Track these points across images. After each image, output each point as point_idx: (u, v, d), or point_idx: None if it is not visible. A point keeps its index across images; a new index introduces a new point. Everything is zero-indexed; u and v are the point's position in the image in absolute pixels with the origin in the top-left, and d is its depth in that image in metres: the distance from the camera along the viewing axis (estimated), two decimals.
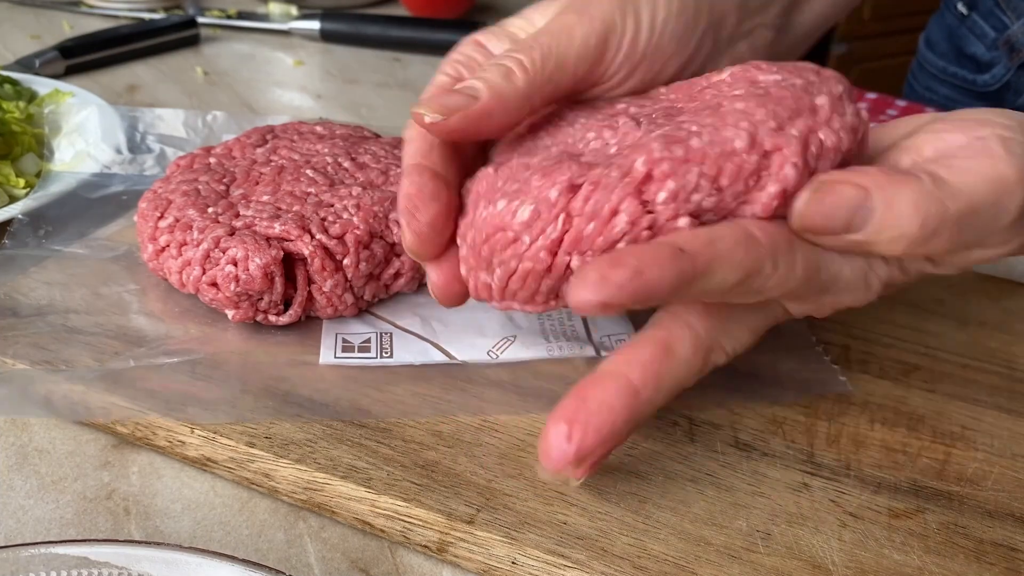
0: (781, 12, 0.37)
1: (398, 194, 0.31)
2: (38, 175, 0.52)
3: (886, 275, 0.29)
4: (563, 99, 0.32)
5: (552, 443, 0.26)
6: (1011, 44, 0.73)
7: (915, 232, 0.25)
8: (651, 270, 0.23)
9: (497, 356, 0.38)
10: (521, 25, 0.34)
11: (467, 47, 0.34)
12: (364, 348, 0.38)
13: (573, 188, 0.26)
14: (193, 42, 0.83)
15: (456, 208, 0.31)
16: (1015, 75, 0.74)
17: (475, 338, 0.39)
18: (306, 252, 0.38)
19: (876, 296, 0.29)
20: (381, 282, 0.40)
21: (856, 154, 0.28)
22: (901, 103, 0.78)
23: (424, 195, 0.30)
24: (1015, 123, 0.27)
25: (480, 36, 0.34)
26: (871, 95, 0.77)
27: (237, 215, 0.40)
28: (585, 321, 0.40)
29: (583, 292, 0.23)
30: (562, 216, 0.26)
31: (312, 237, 0.38)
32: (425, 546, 0.31)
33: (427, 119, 0.29)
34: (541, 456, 0.26)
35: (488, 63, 0.31)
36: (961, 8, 0.78)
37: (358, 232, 0.39)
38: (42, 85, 0.63)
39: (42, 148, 0.54)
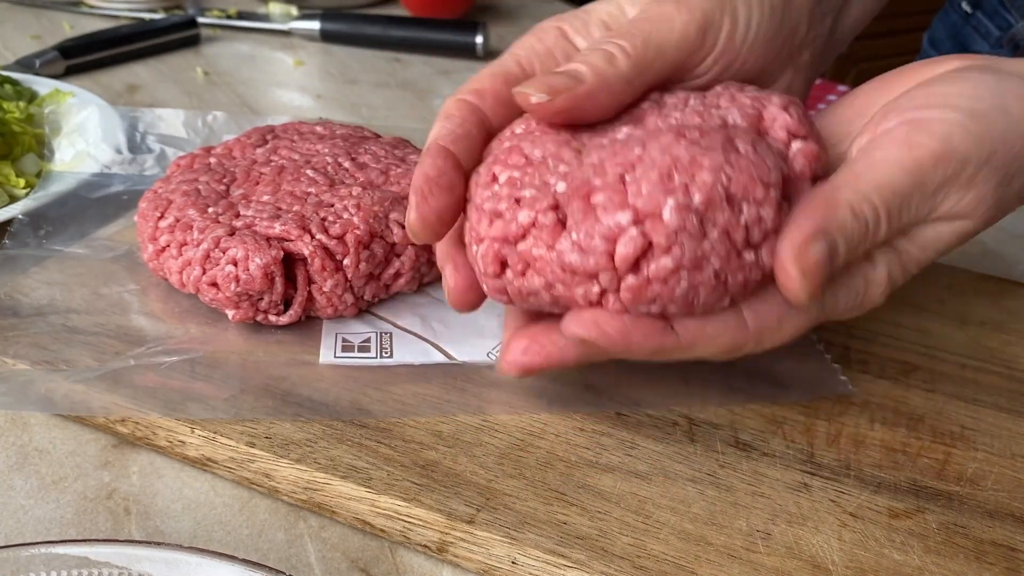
0: (833, 20, 0.38)
1: (416, 169, 0.30)
2: (38, 175, 0.52)
3: (884, 272, 0.30)
4: (653, 89, 0.32)
5: (510, 352, 0.30)
6: (1015, 42, 0.73)
7: (863, 228, 0.28)
8: (636, 335, 0.28)
9: (497, 358, 0.38)
10: (610, 12, 0.33)
11: (549, 35, 0.33)
12: (364, 348, 0.38)
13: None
14: (193, 42, 0.83)
15: (464, 199, 0.31)
16: None
17: (475, 339, 0.39)
18: (306, 252, 0.38)
19: (884, 297, 0.31)
20: (381, 282, 0.40)
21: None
22: None
23: (442, 182, 0.30)
24: (965, 98, 0.29)
25: (564, 24, 0.33)
26: None
27: (237, 215, 0.40)
28: None
29: (573, 324, 0.28)
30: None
31: (312, 237, 0.38)
32: (425, 546, 0.31)
33: (533, 99, 0.29)
34: (501, 354, 0.31)
35: (588, 48, 0.30)
36: (965, 7, 0.78)
37: (358, 232, 0.39)
38: (42, 85, 0.63)
39: (42, 148, 0.54)
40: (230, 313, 0.38)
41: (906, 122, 0.29)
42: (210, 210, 0.40)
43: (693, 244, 0.26)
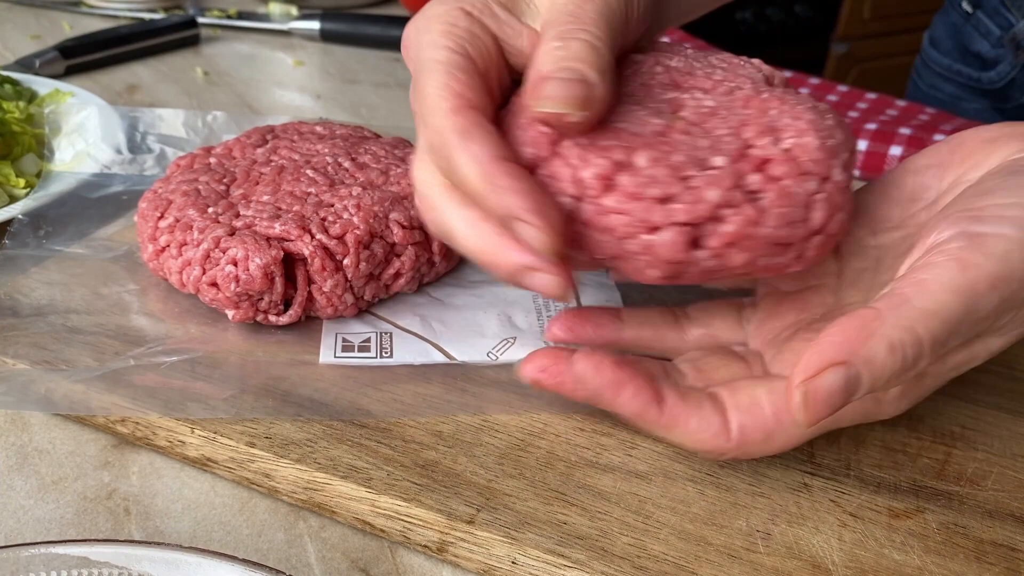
0: None
1: (504, 194, 0.27)
2: (38, 175, 0.52)
3: (897, 391, 0.30)
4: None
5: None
6: (1016, 41, 0.73)
7: (900, 366, 0.26)
8: (627, 391, 0.29)
9: (497, 358, 0.38)
10: None
11: (459, 19, 0.30)
12: (364, 348, 0.38)
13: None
14: (193, 42, 0.83)
15: None
16: (1020, 72, 0.74)
17: (475, 339, 0.39)
18: (306, 252, 0.38)
19: (902, 410, 0.31)
20: (381, 282, 0.40)
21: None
22: (901, 103, 0.78)
23: (545, 196, 0.27)
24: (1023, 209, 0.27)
25: (464, 5, 0.31)
26: (871, 95, 0.77)
27: (237, 215, 0.40)
28: None
29: (580, 364, 0.29)
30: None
31: (312, 237, 0.38)
32: (425, 546, 0.31)
33: (572, 118, 0.27)
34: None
35: (558, 39, 0.28)
36: (966, 6, 0.78)
37: (358, 232, 0.39)
38: (42, 85, 0.63)
39: (42, 148, 0.54)
40: (230, 313, 0.38)
41: (959, 236, 0.27)
42: (210, 210, 0.40)
43: (848, 197, 0.29)
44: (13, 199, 0.49)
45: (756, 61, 0.34)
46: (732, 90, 0.31)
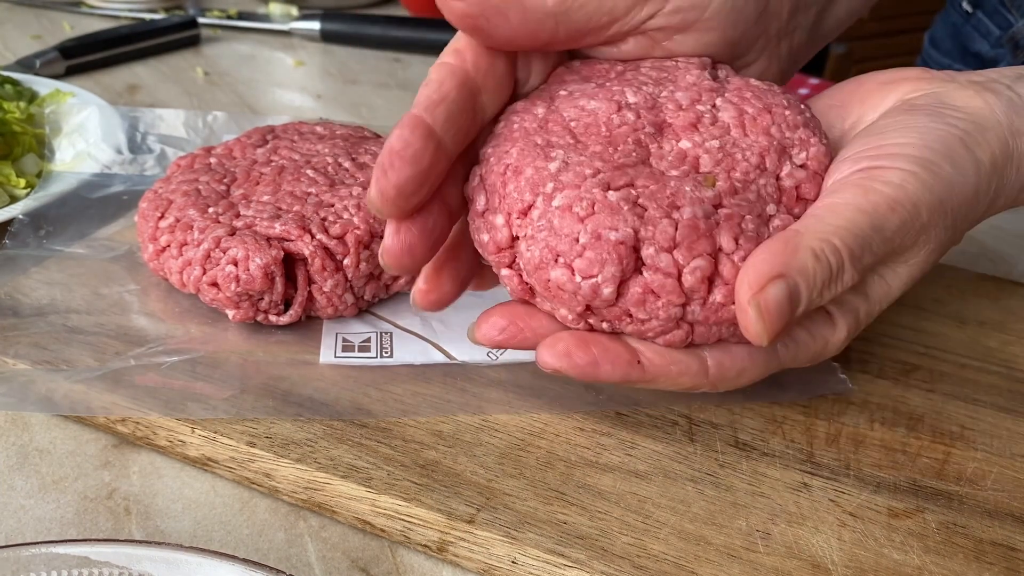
0: (817, 13, 0.37)
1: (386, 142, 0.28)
2: (39, 175, 0.52)
3: (844, 334, 0.31)
4: (589, 39, 0.31)
5: (485, 326, 0.30)
6: (1016, 41, 0.73)
7: (827, 273, 0.27)
8: (604, 366, 0.29)
9: (497, 358, 0.38)
10: None
11: None
12: (364, 348, 0.38)
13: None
14: (193, 42, 0.83)
15: (441, 171, 0.29)
16: None
17: None
18: (306, 252, 0.38)
19: (839, 349, 0.32)
20: (381, 282, 0.40)
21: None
22: None
23: (405, 154, 0.28)
24: (916, 147, 0.29)
25: None
26: None
27: (238, 215, 0.40)
28: None
29: (546, 355, 0.29)
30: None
31: (312, 237, 0.38)
32: (425, 545, 0.31)
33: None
34: (478, 322, 0.31)
35: None
36: (966, 6, 0.78)
37: (358, 232, 0.39)
38: (43, 85, 0.63)
39: (43, 148, 0.54)
40: (230, 313, 0.38)
41: (861, 170, 0.29)
42: (210, 210, 0.40)
43: None
44: (13, 199, 0.49)
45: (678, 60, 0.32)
46: (714, 116, 0.30)
